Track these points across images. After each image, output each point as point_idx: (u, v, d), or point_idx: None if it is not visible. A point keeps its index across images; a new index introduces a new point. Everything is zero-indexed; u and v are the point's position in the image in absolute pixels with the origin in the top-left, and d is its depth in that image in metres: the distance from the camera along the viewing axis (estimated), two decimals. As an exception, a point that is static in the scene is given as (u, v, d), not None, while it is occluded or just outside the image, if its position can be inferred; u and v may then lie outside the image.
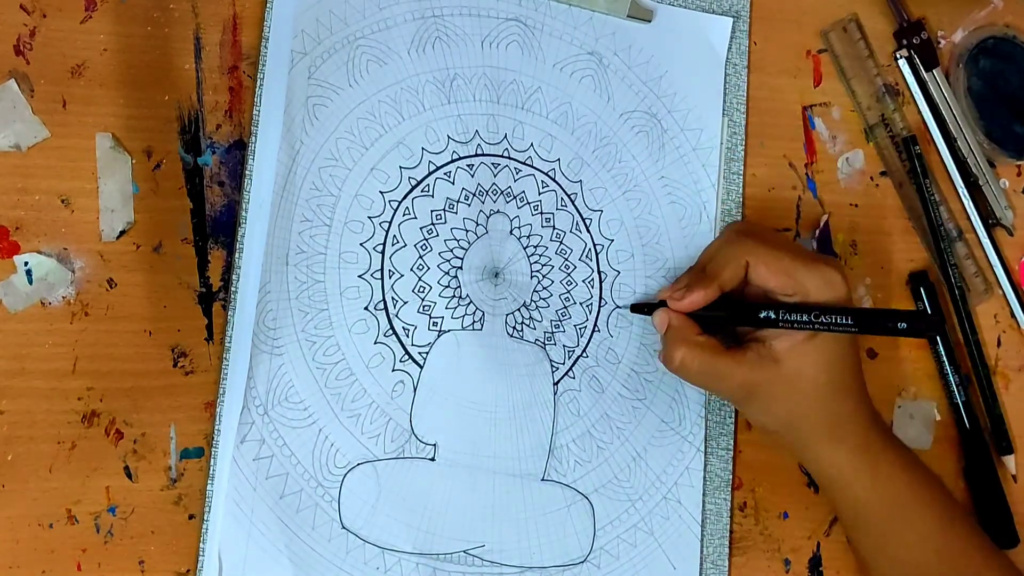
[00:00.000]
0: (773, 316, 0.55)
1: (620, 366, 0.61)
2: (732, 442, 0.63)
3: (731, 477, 0.62)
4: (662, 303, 0.58)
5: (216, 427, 0.55)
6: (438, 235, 0.59)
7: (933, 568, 0.57)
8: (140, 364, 0.54)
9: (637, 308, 0.60)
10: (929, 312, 0.55)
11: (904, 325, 0.54)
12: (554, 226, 0.61)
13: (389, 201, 0.58)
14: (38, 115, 0.54)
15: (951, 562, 0.57)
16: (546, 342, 0.60)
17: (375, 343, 0.57)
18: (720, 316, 0.57)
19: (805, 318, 0.54)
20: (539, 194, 0.61)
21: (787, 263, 0.56)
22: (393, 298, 0.58)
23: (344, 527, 0.56)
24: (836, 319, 0.54)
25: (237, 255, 0.56)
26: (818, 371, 0.55)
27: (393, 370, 0.57)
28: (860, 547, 0.59)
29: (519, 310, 0.60)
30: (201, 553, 0.54)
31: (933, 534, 0.57)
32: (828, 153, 0.67)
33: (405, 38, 0.60)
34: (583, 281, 0.61)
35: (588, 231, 0.62)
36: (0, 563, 0.52)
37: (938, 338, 0.67)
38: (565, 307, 0.61)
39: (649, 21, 0.64)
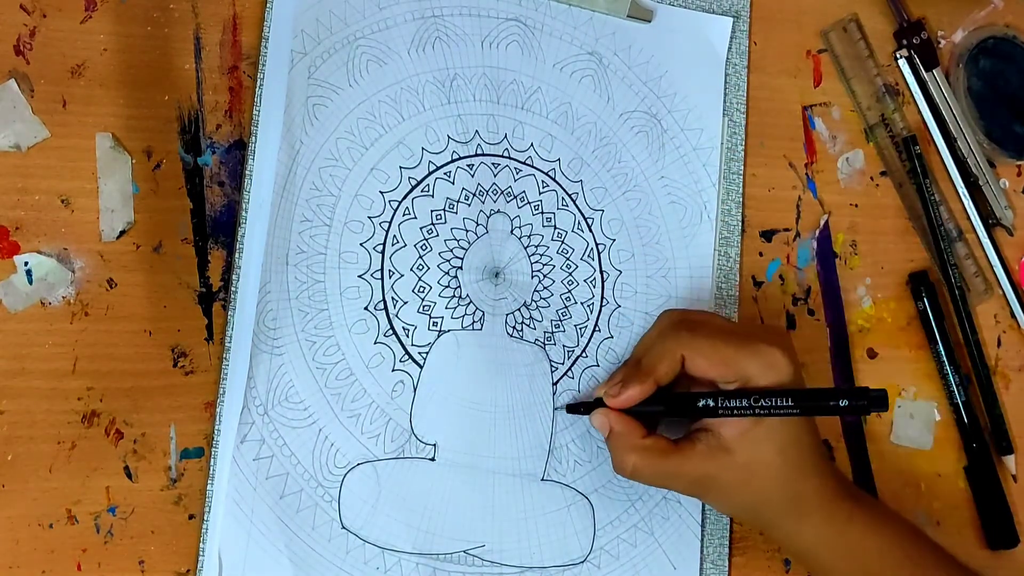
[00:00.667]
0: (712, 404, 0.54)
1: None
2: (732, 442, 0.63)
3: (731, 477, 0.62)
4: (599, 402, 0.57)
5: (216, 427, 0.55)
6: (438, 235, 0.59)
7: None
8: (140, 364, 0.54)
9: (573, 408, 0.58)
10: (871, 389, 0.53)
11: (845, 403, 0.53)
12: (555, 226, 0.61)
13: (389, 201, 0.58)
14: (38, 115, 0.54)
15: None
16: (546, 342, 0.60)
17: (375, 343, 0.57)
18: (658, 410, 0.56)
19: (744, 403, 0.53)
20: (539, 194, 0.61)
21: (724, 352, 0.55)
22: (393, 298, 0.58)
23: (344, 527, 0.56)
24: (776, 402, 0.53)
25: (237, 255, 0.56)
26: (772, 455, 0.54)
27: (393, 370, 0.57)
28: None
29: (519, 310, 0.60)
30: (201, 553, 0.54)
31: None
32: (828, 153, 0.67)
33: (405, 38, 0.60)
34: (585, 280, 0.61)
35: (590, 230, 0.62)
36: (0, 563, 0.52)
37: (938, 338, 0.67)
38: (566, 307, 0.61)
39: (649, 21, 0.64)
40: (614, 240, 0.62)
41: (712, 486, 0.55)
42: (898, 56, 0.69)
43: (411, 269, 0.58)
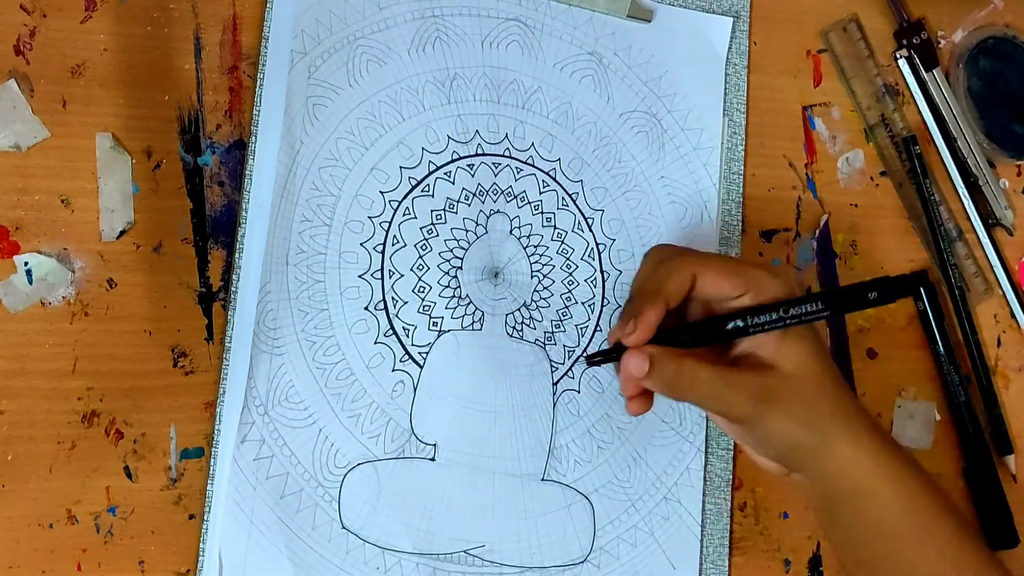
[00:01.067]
0: (742, 324, 0.51)
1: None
2: (732, 442, 0.63)
3: (731, 477, 0.62)
4: (620, 347, 0.52)
5: (216, 427, 0.55)
6: (438, 235, 0.59)
7: None
8: (140, 364, 0.54)
9: (593, 359, 0.54)
10: (895, 277, 0.51)
11: (875, 295, 0.51)
12: (555, 226, 0.61)
13: (389, 201, 0.58)
14: (38, 115, 0.54)
15: (966, 571, 0.54)
16: (546, 342, 0.60)
17: (375, 343, 0.57)
18: (684, 340, 0.52)
19: (774, 316, 0.51)
20: (540, 194, 0.61)
21: (731, 264, 0.54)
22: (393, 298, 0.58)
23: (344, 527, 0.56)
24: (806, 308, 0.51)
25: (237, 255, 0.56)
26: (811, 363, 0.52)
27: (393, 370, 0.57)
28: (875, 561, 0.55)
29: (519, 310, 0.60)
30: (201, 553, 0.54)
31: (950, 545, 0.54)
32: (828, 153, 0.67)
33: (405, 38, 0.60)
34: (585, 280, 0.61)
35: (591, 230, 0.62)
36: (0, 563, 0.52)
37: (938, 338, 0.67)
38: (566, 307, 0.61)
39: (649, 21, 0.64)
40: (614, 240, 0.62)
41: (771, 399, 0.51)
42: (898, 56, 0.69)
43: (411, 269, 0.58)
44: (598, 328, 0.61)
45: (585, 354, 0.57)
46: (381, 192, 0.58)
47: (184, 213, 0.56)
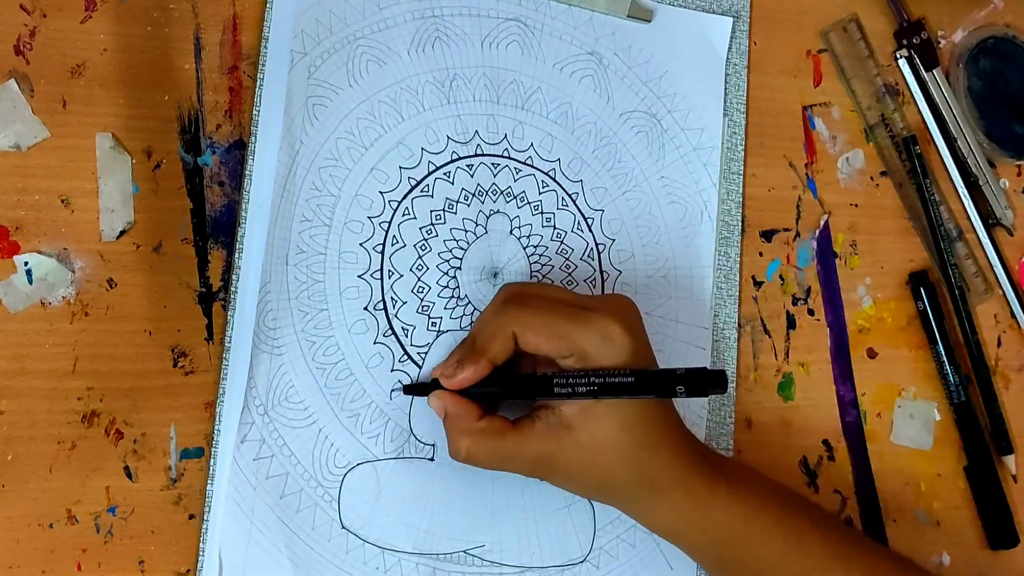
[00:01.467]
0: (547, 386, 0.51)
1: (620, 366, 0.61)
2: (732, 442, 0.63)
3: (731, 477, 0.62)
4: (436, 383, 0.54)
5: (216, 427, 0.55)
6: (437, 235, 0.59)
7: None
8: (140, 364, 0.54)
9: (410, 389, 0.57)
10: (709, 370, 0.49)
11: (682, 388, 0.49)
12: (555, 226, 0.61)
13: (389, 201, 0.58)
14: (38, 115, 0.54)
15: None
16: (546, 342, 0.60)
17: (375, 343, 0.57)
18: (493, 392, 0.54)
19: (581, 385, 0.50)
20: (539, 194, 0.61)
21: (556, 326, 0.52)
22: (392, 298, 0.58)
23: (344, 527, 0.56)
24: (613, 382, 0.50)
25: (237, 255, 0.56)
26: (616, 431, 0.51)
27: (392, 370, 0.57)
28: None
29: (519, 310, 0.60)
30: (201, 553, 0.54)
31: (781, 564, 0.54)
32: (828, 153, 0.67)
33: (405, 38, 0.60)
34: (585, 281, 0.61)
35: (590, 231, 0.62)
36: (0, 563, 0.52)
37: (938, 338, 0.67)
38: (565, 307, 0.60)
39: (649, 21, 0.64)
40: (614, 240, 0.62)
41: (554, 466, 0.52)
42: (898, 56, 0.69)
43: (410, 269, 0.58)
44: (598, 328, 0.61)
45: (404, 384, 0.57)
46: (381, 192, 0.58)
47: (184, 213, 0.56)
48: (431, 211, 0.59)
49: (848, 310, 0.67)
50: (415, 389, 0.57)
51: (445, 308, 0.58)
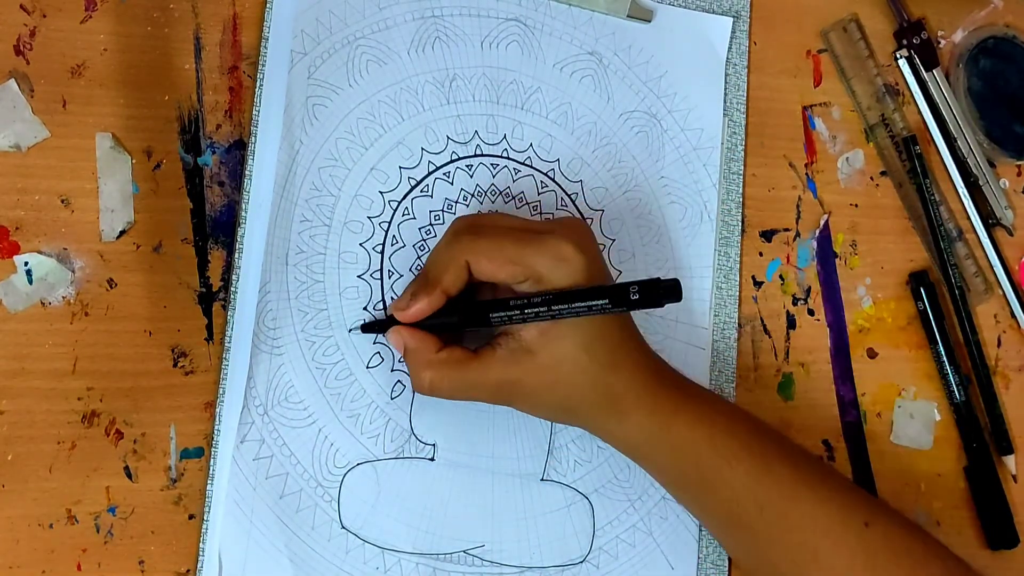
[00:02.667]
0: (503, 313, 0.51)
1: (620, 366, 0.61)
2: (732, 442, 0.63)
3: (731, 477, 0.62)
4: (393, 319, 0.54)
5: (216, 427, 0.55)
6: (437, 236, 0.59)
7: (756, 519, 0.53)
8: (140, 364, 0.54)
9: (367, 327, 0.56)
10: (663, 280, 0.47)
11: (636, 296, 0.48)
12: (554, 226, 0.61)
13: (388, 201, 0.58)
14: (38, 115, 0.54)
15: (773, 508, 0.53)
16: (546, 342, 0.60)
17: (375, 343, 0.57)
18: (451, 322, 0.53)
19: (536, 308, 0.50)
20: (538, 194, 0.61)
21: (508, 251, 0.51)
22: (392, 298, 0.58)
23: (344, 527, 0.56)
24: (568, 304, 0.49)
25: (237, 255, 0.56)
26: (576, 352, 0.51)
27: (392, 370, 0.57)
28: (683, 505, 0.58)
29: (519, 310, 0.60)
30: (201, 553, 0.54)
31: (746, 486, 0.53)
32: (828, 153, 0.67)
33: (405, 38, 0.60)
34: (583, 281, 0.61)
35: (588, 231, 0.61)
36: (0, 563, 0.52)
37: (938, 338, 0.67)
38: (565, 307, 0.60)
39: (649, 21, 0.64)
40: (614, 240, 0.62)
41: (518, 391, 0.53)
42: (898, 56, 0.69)
43: (410, 270, 0.58)
44: (598, 328, 0.61)
45: (361, 324, 0.57)
46: (380, 192, 0.58)
47: (184, 213, 0.56)
48: (431, 211, 0.59)
49: (848, 310, 0.67)
50: (373, 327, 0.56)
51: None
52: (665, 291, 0.47)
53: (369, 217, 0.58)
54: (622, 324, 0.54)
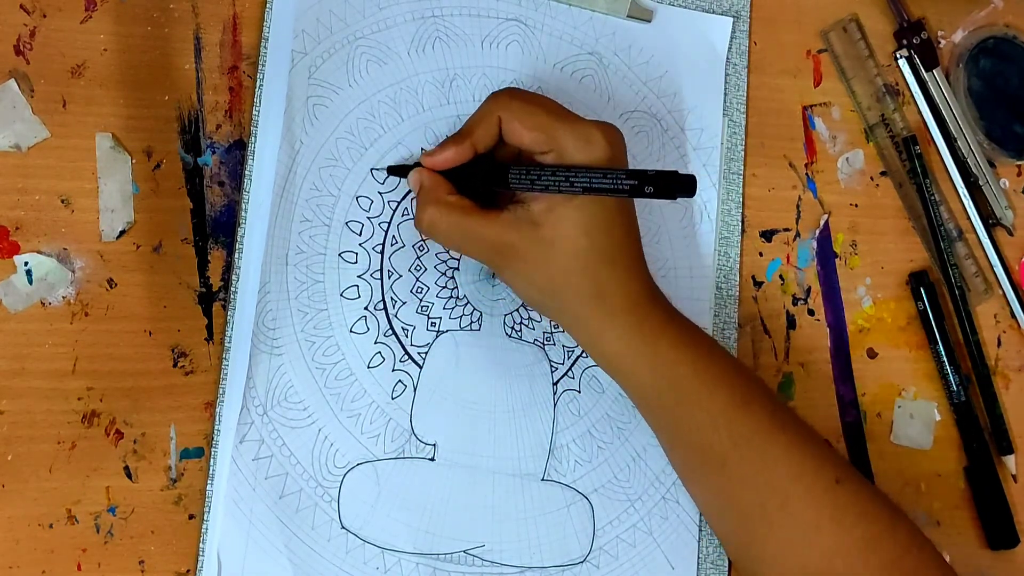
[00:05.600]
0: (522, 175, 0.51)
1: (620, 366, 0.61)
2: (732, 442, 0.63)
3: (731, 477, 0.62)
4: (418, 165, 0.55)
5: (216, 427, 0.55)
6: (437, 235, 0.59)
7: (729, 452, 0.53)
8: (140, 364, 0.54)
9: (394, 170, 0.58)
10: (680, 174, 0.48)
11: (651, 189, 0.48)
12: (554, 226, 0.61)
13: (388, 201, 0.58)
14: (38, 115, 0.54)
15: (747, 444, 0.53)
16: (545, 342, 0.60)
17: (375, 343, 0.57)
18: (473, 177, 0.54)
19: (554, 176, 0.50)
20: (539, 194, 0.61)
21: (543, 119, 0.52)
22: (392, 298, 0.58)
23: (344, 527, 0.56)
24: (584, 179, 0.50)
25: (237, 255, 0.56)
26: (578, 235, 0.51)
27: (393, 370, 0.57)
28: (656, 431, 0.57)
29: (517, 310, 0.60)
30: (201, 553, 0.54)
31: (725, 417, 0.53)
32: (828, 153, 0.67)
33: (405, 38, 0.60)
34: (583, 281, 0.61)
35: (588, 231, 0.61)
36: (0, 563, 0.52)
37: (938, 338, 0.67)
38: (565, 307, 0.60)
39: (649, 21, 0.64)
40: (614, 240, 0.62)
41: (511, 256, 0.52)
42: (898, 56, 0.69)
43: (409, 270, 0.58)
44: (598, 328, 0.61)
45: (390, 165, 0.58)
46: (380, 192, 0.58)
47: (184, 213, 0.56)
48: (431, 211, 0.59)
49: (848, 310, 0.67)
50: (398, 170, 0.57)
51: (444, 308, 0.58)
52: (681, 184, 0.48)
53: (369, 217, 0.58)
54: (628, 226, 0.54)
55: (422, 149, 0.59)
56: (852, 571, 0.53)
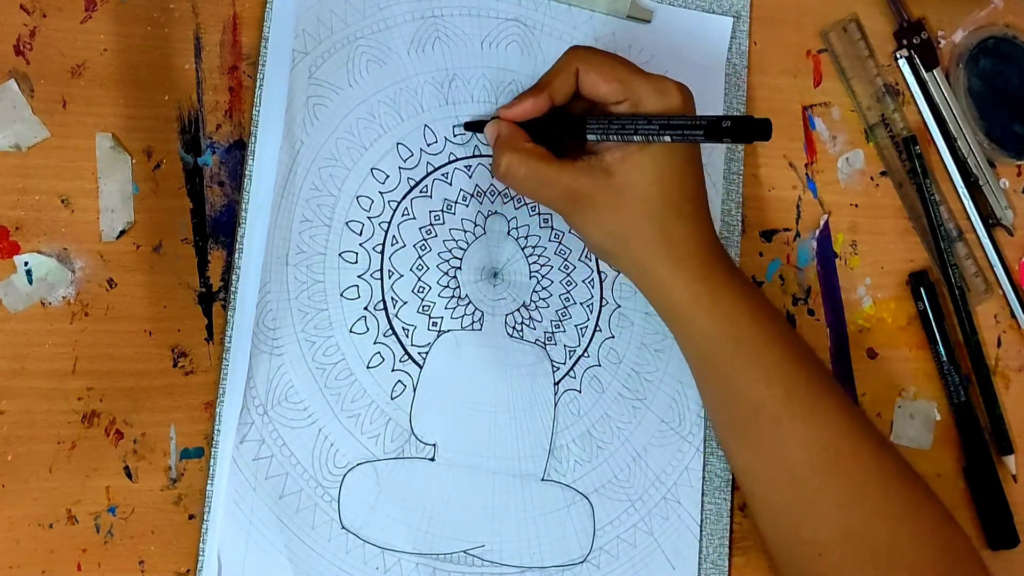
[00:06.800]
0: (600, 125, 0.53)
1: (621, 366, 0.61)
2: (732, 442, 0.63)
3: (731, 477, 0.62)
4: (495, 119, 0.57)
5: (216, 427, 0.55)
6: (437, 236, 0.59)
7: (783, 408, 0.54)
8: (140, 364, 0.55)
9: (471, 126, 0.59)
10: (755, 118, 0.49)
11: (728, 124, 0.50)
12: (552, 226, 0.61)
13: (388, 202, 0.58)
14: (38, 115, 0.54)
15: (801, 401, 0.54)
16: (546, 342, 0.60)
17: (375, 343, 0.57)
18: (549, 128, 0.56)
19: (630, 123, 0.52)
20: (539, 194, 0.61)
21: (618, 70, 0.54)
22: (393, 298, 0.58)
23: (344, 527, 0.56)
24: (659, 126, 0.51)
25: (237, 255, 0.56)
26: (649, 183, 0.53)
27: (393, 370, 0.57)
28: (705, 385, 0.57)
29: (518, 310, 0.60)
30: (201, 553, 0.54)
31: (781, 372, 0.54)
32: (828, 153, 0.67)
33: (405, 38, 0.60)
34: (583, 281, 0.61)
35: (588, 231, 0.61)
36: (0, 563, 0.52)
37: (938, 338, 0.67)
38: (565, 307, 0.61)
39: (649, 21, 0.64)
40: (614, 240, 0.62)
41: (584, 202, 0.54)
42: (898, 56, 0.69)
43: (410, 269, 0.58)
44: (598, 328, 0.61)
45: (467, 121, 0.60)
46: (380, 192, 0.58)
47: (184, 213, 0.56)
48: (430, 211, 0.59)
49: (848, 310, 0.67)
50: (474, 125, 0.59)
51: (446, 308, 0.58)
52: (757, 128, 0.49)
53: (369, 217, 0.58)
54: (697, 178, 0.55)
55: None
56: (893, 536, 0.54)
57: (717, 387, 0.57)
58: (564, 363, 0.60)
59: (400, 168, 0.59)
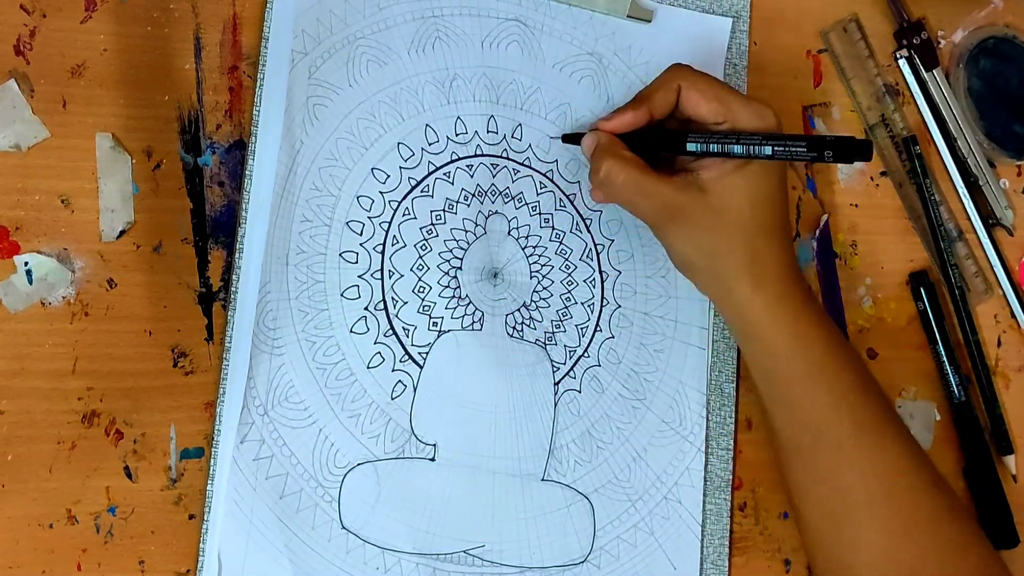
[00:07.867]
0: (700, 143, 0.54)
1: (621, 366, 0.61)
2: (732, 442, 0.63)
3: (731, 477, 0.62)
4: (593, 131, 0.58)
5: (216, 427, 0.55)
6: (437, 235, 0.59)
7: (847, 436, 0.55)
8: (140, 364, 0.54)
9: (568, 138, 0.60)
10: (856, 139, 0.51)
11: (830, 154, 0.51)
12: (553, 226, 0.61)
13: (389, 201, 0.58)
14: (38, 115, 0.54)
15: (863, 431, 0.55)
16: (547, 342, 0.60)
17: (375, 343, 0.57)
18: (646, 141, 0.56)
19: (730, 141, 0.53)
20: (537, 195, 0.61)
21: (720, 92, 0.55)
22: (393, 298, 0.58)
23: (344, 527, 0.56)
24: (760, 145, 0.52)
25: (237, 255, 0.56)
26: (743, 203, 0.54)
27: (393, 370, 0.57)
28: (772, 405, 0.57)
29: (519, 310, 0.60)
30: (201, 553, 0.54)
31: (848, 400, 0.55)
32: (828, 153, 0.67)
33: (405, 38, 0.60)
34: (584, 281, 0.61)
35: (588, 231, 0.62)
36: (0, 563, 0.52)
37: (938, 338, 0.67)
38: (566, 307, 0.61)
39: (649, 21, 0.64)
40: (613, 240, 0.62)
41: (679, 217, 0.55)
42: (898, 56, 0.69)
43: (411, 269, 0.58)
44: (598, 328, 0.61)
45: (565, 133, 0.61)
46: (381, 192, 0.58)
47: (184, 213, 0.56)
48: (431, 211, 0.59)
49: (848, 310, 0.67)
50: (573, 137, 0.60)
51: (446, 308, 0.58)
52: (858, 149, 0.50)
53: (369, 217, 0.58)
54: (784, 201, 0.57)
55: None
56: (942, 574, 0.55)
57: (782, 408, 0.57)
58: (564, 363, 0.60)
59: (401, 168, 0.59)
